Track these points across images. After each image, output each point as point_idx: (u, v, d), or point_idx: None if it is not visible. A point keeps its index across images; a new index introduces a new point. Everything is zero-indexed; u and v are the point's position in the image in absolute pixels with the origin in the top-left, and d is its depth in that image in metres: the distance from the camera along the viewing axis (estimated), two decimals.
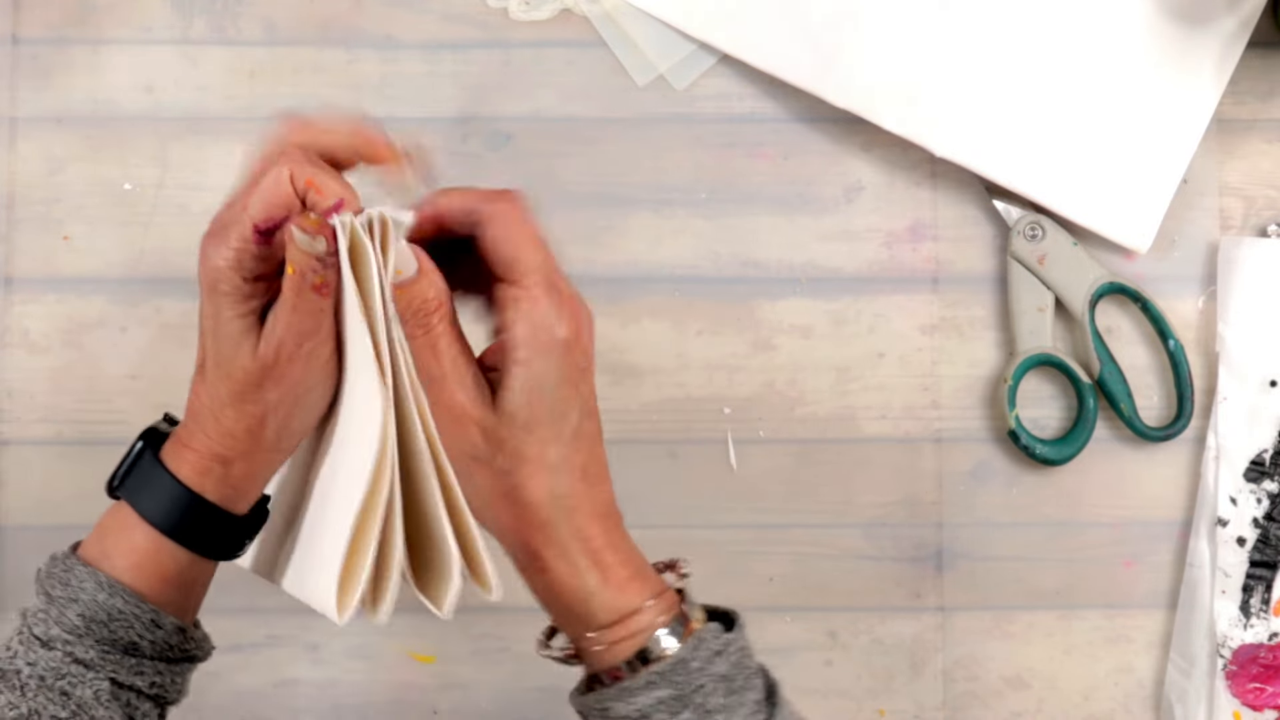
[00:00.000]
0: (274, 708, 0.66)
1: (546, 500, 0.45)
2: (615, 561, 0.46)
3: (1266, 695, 0.65)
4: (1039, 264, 0.66)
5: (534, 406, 0.44)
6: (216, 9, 0.67)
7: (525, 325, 0.44)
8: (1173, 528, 0.67)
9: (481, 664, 0.67)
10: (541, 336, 0.44)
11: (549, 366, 0.44)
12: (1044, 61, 0.66)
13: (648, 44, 0.67)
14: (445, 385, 0.45)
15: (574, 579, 0.46)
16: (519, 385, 0.44)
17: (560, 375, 0.45)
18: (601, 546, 0.46)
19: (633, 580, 0.46)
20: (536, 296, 0.45)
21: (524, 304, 0.44)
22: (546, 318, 0.44)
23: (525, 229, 0.46)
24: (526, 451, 0.45)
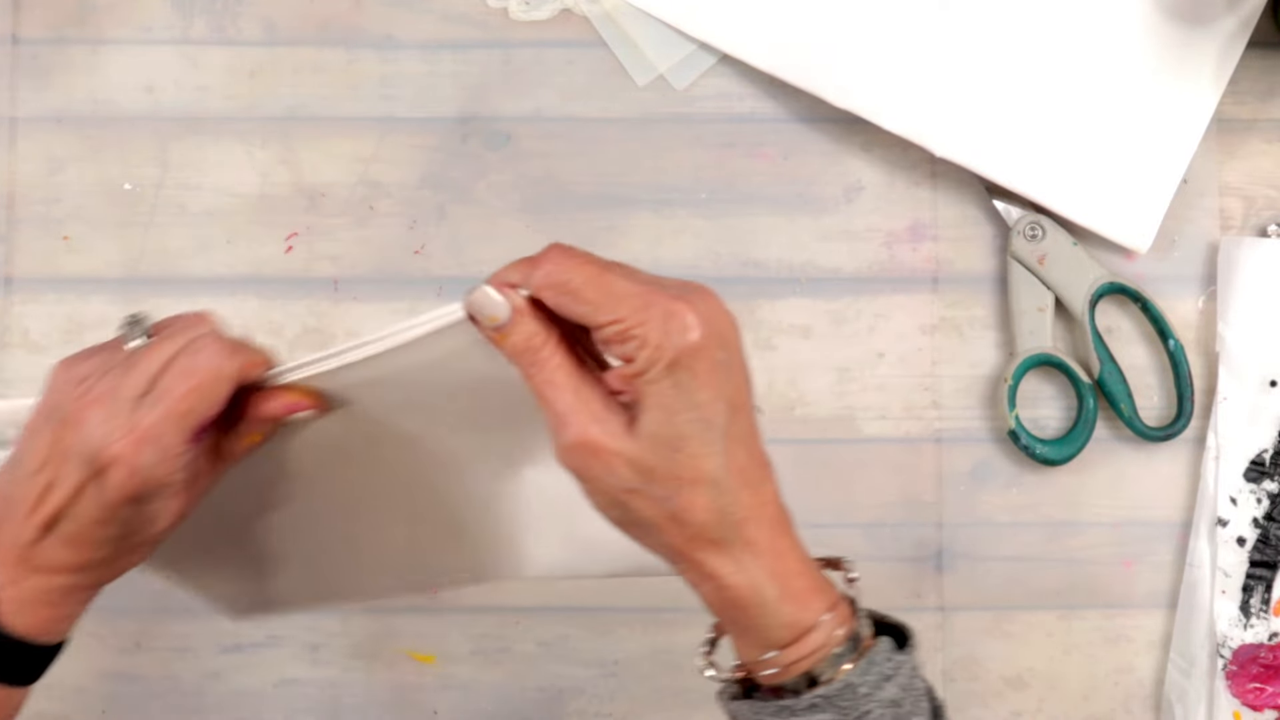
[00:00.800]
0: (274, 708, 0.66)
1: (715, 518, 0.42)
2: (791, 570, 0.44)
3: (1266, 695, 0.65)
4: (1039, 264, 0.66)
5: (678, 423, 0.41)
6: (216, 9, 0.67)
7: (645, 352, 0.41)
8: (1173, 528, 0.67)
9: (481, 664, 0.67)
10: (666, 355, 0.41)
11: (683, 377, 0.41)
12: (1044, 62, 0.66)
13: (648, 44, 0.67)
14: (574, 421, 0.42)
15: (752, 593, 0.43)
16: (656, 404, 0.41)
17: (699, 382, 0.41)
18: (776, 555, 0.43)
19: (809, 591, 0.44)
20: (639, 323, 0.41)
21: (631, 341, 0.41)
22: (663, 336, 0.41)
23: (579, 276, 0.42)
24: (681, 473, 0.42)
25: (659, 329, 0.41)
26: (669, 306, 0.41)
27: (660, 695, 0.66)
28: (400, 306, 0.67)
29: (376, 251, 0.67)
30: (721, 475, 0.42)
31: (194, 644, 0.66)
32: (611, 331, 0.41)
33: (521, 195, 0.67)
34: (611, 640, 0.66)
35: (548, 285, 0.42)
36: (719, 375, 0.42)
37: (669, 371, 0.41)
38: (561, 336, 0.43)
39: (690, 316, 0.41)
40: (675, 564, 0.44)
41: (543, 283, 0.42)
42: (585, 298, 0.42)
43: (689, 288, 0.42)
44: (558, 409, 0.42)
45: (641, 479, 0.42)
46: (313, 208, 0.67)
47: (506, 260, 0.68)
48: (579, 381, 0.43)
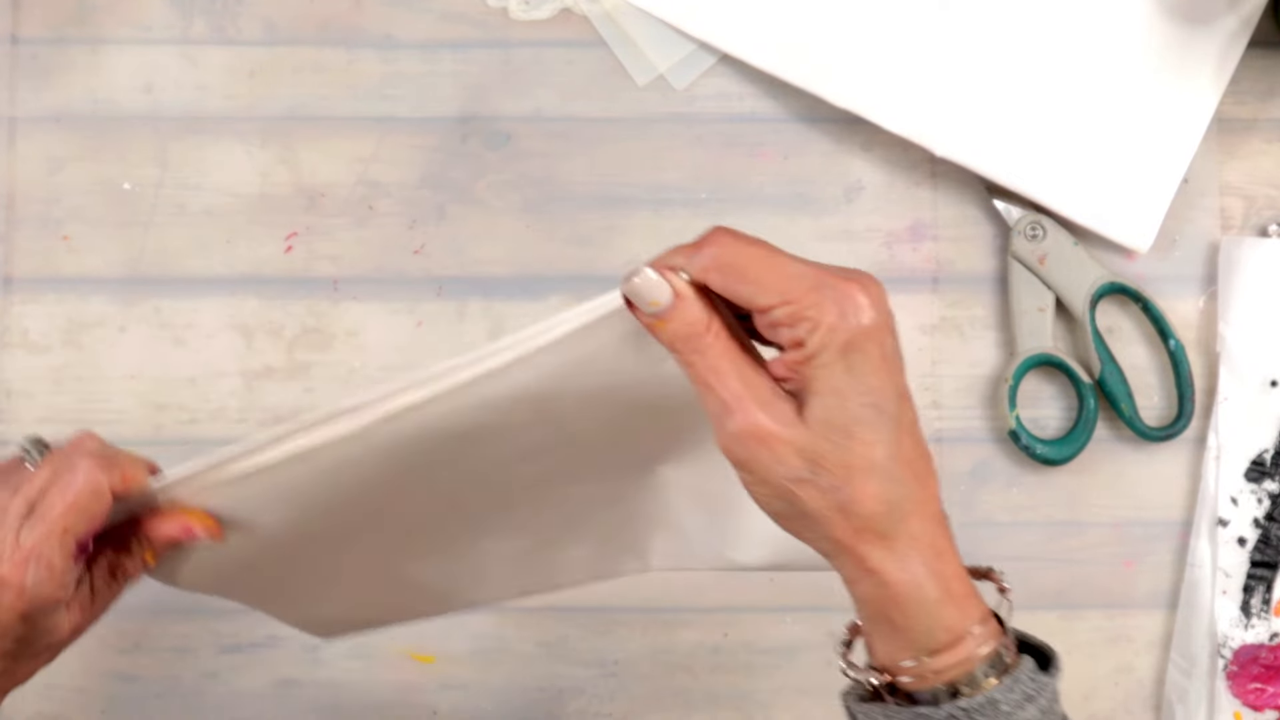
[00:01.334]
0: (274, 708, 0.66)
1: (883, 509, 0.41)
2: (951, 573, 0.42)
3: (1267, 695, 0.65)
4: (1039, 264, 0.66)
5: (850, 408, 0.40)
6: (216, 9, 0.67)
7: (817, 334, 0.39)
8: (1173, 528, 0.67)
9: (481, 664, 0.67)
10: (840, 337, 0.39)
11: (856, 360, 0.39)
12: (1044, 61, 0.66)
13: (648, 44, 0.67)
14: (740, 409, 0.40)
15: (914, 591, 0.41)
16: (828, 388, 0.40)
17: (871, 365, 0.40)
18: (938, 554, 0.42)
19: (966, 597, 0.42)
20: (813, 304, 0.39)
21: (803, 322, 0.39)
22: (837, 317, 0.39)
23: (747, 256, 0.40)
24: (852, 461, 0.40)
25: (833, 310, 0.39)
26: (842, 288, 0.40)
27: (660, 695, 0.66)
28: (400, 306, 0.67)
29: (376, 251, 0.67)
30: (892, 465, 0.40)
31: (194, 644, 0.66)
32: (782, 313, 0.40)
33: (521, 195, 0.67)
34: (611, 640, 0.66)
35: (715, 267, 0.41)
36: (891, 361, 0.40)
37: (842, 354, 0.40)
38: (723, 323, 0.41)
39: (863, 298, 0.40)
40: (835, 558, 0.42)
41: (710, 264, 0.41)
42: (754, 278, 0.40)
43: (855, 273, 0.41)
44: (723, 396, 0.40)
45: (811, 468, 0.40)
46: (312, 208, 0.67)
47: (506, 260, 0.68)
48: (744, 367, 0.41)
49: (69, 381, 0.66)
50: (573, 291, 0.67)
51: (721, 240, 0.41)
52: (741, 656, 0.66)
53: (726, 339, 0.41)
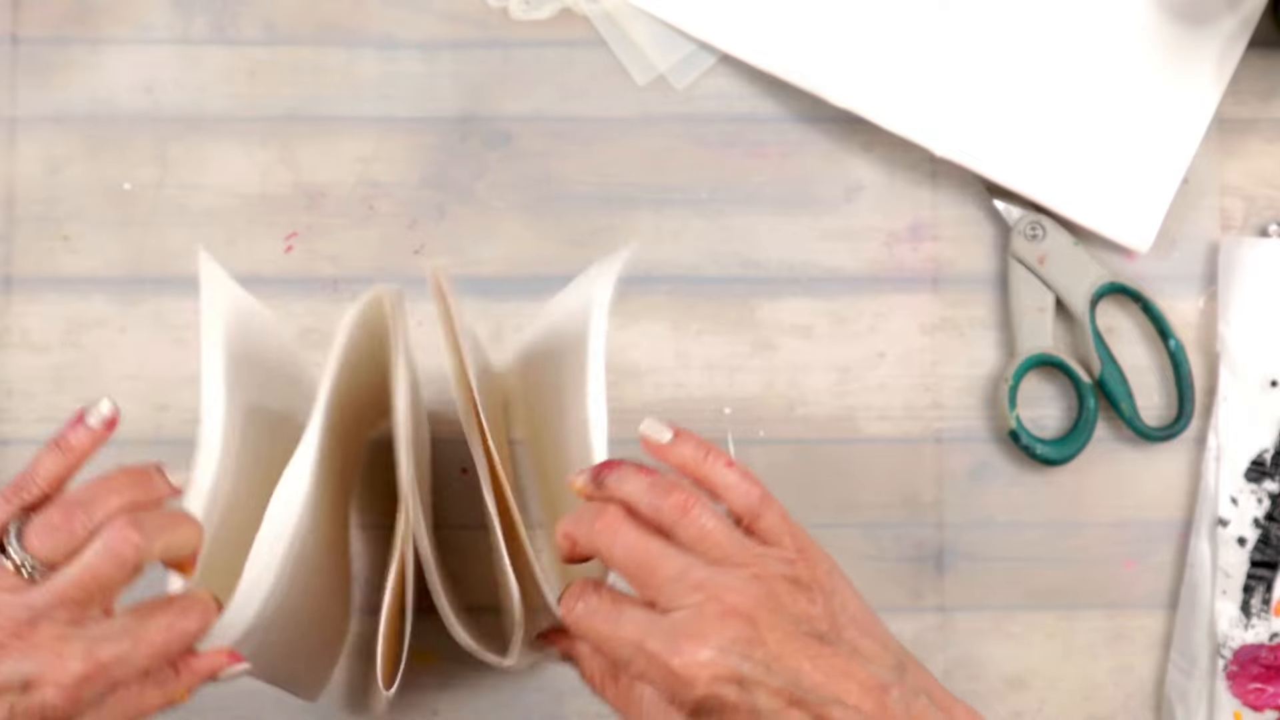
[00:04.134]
0: (274, 707, 0.66)
1: None
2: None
3: (1267, 695, 0.65)
4: (1039, 264, 0.66)
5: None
6: (216, 9, 0.67)
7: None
8: (1173, 528, 0.67)
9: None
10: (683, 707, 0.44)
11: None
12: (1044, 61, 0.66)
13: (648, 44, 0.67)
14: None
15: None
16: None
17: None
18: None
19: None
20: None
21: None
22: (670, 691, 0.44)
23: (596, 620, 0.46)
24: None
25: (663, 687, 0.43)
26: (666, 667, 0.42)
27: None
28: None
29: (376, 251, 0.67)
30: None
31: None
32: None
33: (521, 195, 0.67)
34: None
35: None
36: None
37: (692, 718, 0.43)
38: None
39: (687, 673, 0.42)
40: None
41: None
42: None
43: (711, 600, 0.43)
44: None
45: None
46: (313, 208, 0.67)
47: (506, 260, 0.68)
48: (640, 693, 0.45)
49: (69, 381, 0.66)
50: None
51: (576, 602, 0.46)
52: None
53: (618, 678, 0.46)
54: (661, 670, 0.42)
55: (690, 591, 0.43)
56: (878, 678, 0.44)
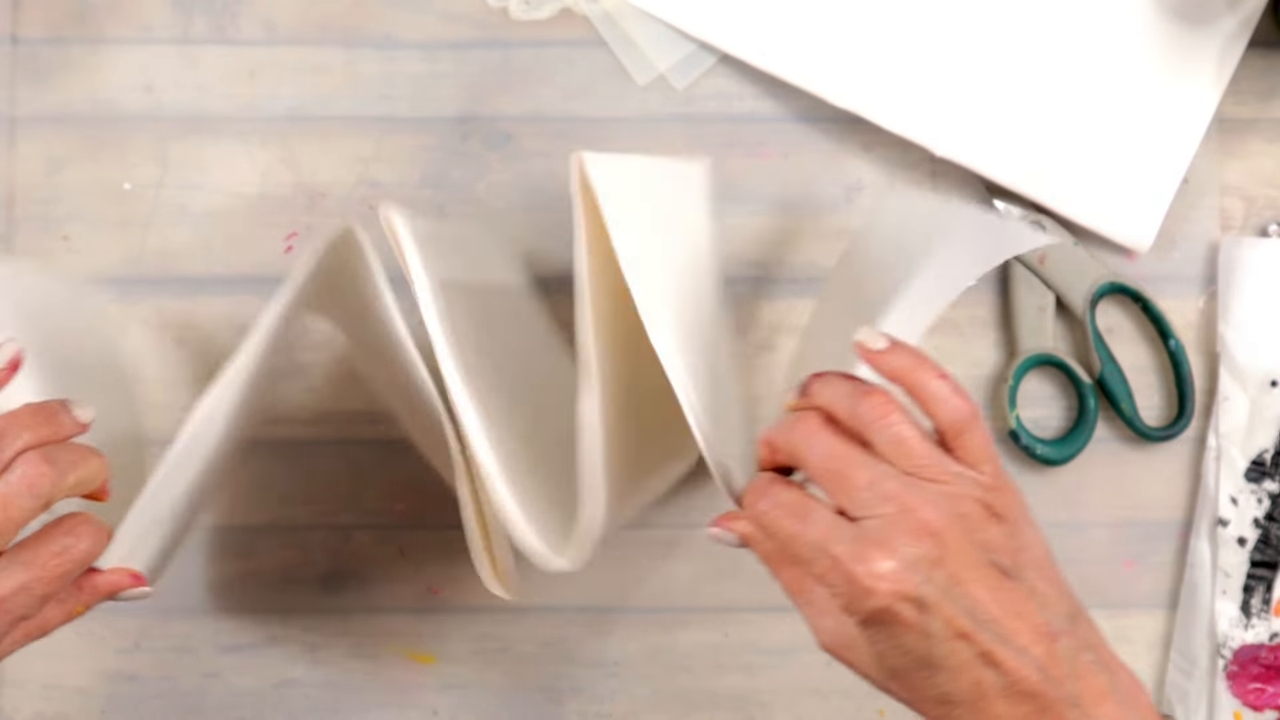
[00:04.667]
0: (274, 708, 0.66)
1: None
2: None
3: (1267, 695, 0.65)
4: (1039, 264, 0.66)
5: (890, 661, 0.44)
6: (216, 9, 0.67)
7: (840, 600, 0.44)
8: (1173, 528, 0.67)
9: (481, 664, 0.67)
10: (854, 613, 0.43)
11: (878, 634, 0.43)
12: (1044, 61, 0.66)
13: (648, 44, 0.67)
14: (815, 628, 0.45)
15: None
16: (870, 639, 0.44)
17: (893, 633, 0.43)
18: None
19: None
20: (825, 572, 0.43)
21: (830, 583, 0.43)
22: (847, 598, 0.43)
23: (777, 521, 0.45)
24: (922, 692, 0.44)
25: (842, 591, 0.42)
26: (845, 567, 0.42)
27: (660, 695, 0.66)
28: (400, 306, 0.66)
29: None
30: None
31: (194, 644, 0.66)
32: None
33: (521, 195, 0.67)
34: (611, 640, 0.66)
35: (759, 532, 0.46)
36: (916, 627, 0.42)
37: (863, 626, 0.43)
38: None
39: (870, 582, 0.42)
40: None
41: (754, 534, 0.46)
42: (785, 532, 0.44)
43: (873, 541, 0.42)
44: (803, 611, 0.45)
45: (888, 677, 0.44)
46: (313, 208, 0.67)
47: None
48: (814, 586, 0.44)
49: None
50: (573, 292, 0.67)
51: (759, 509, 0.45)
52: (741, 656, 0.66)
53: (785, 563, 0.45)
54: (843, 576, 0.42)
55: (881, 501, 0.42)
56: (1050, 624, 0.43)
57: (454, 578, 0.66)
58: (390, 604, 0.66)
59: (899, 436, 0.43)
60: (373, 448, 0.66)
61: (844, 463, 0.43)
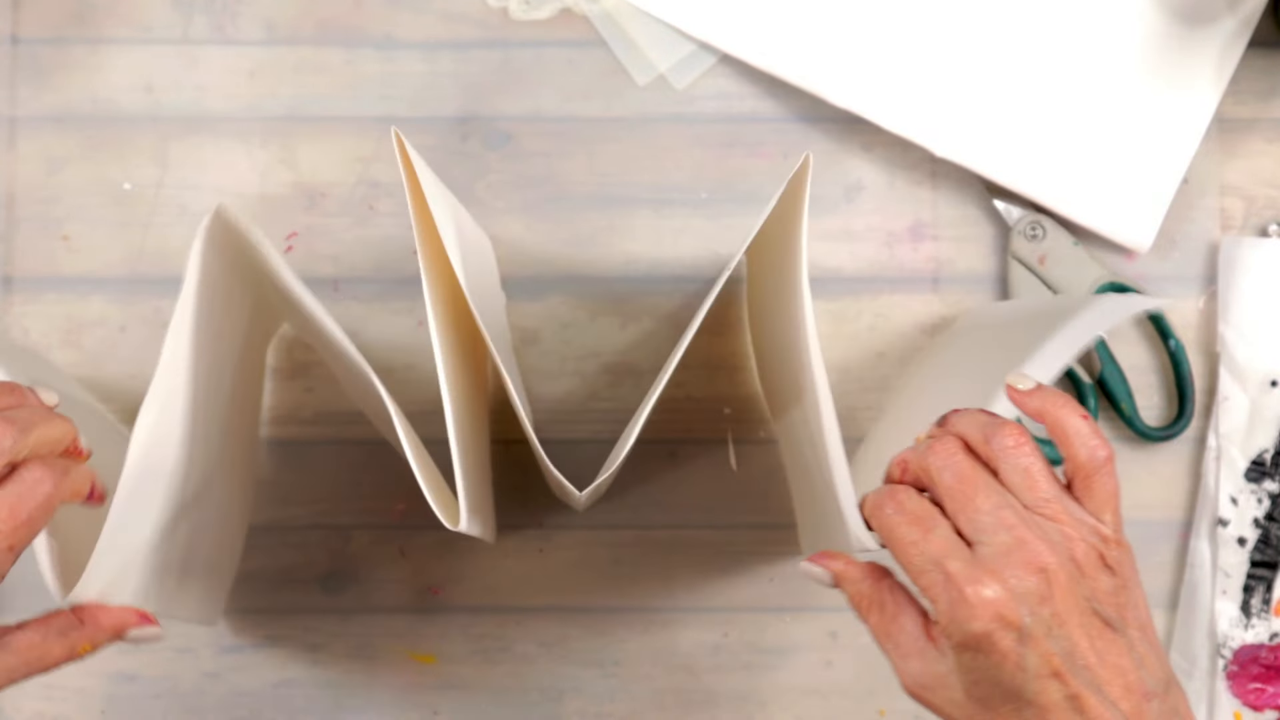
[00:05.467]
0: (274, 708, 0.66)
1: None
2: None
3: (1267, 695, 0.65)
4: (1039, 264, 0.66)
5: (979, 693, 0.43)
6: (216, 8, 0.67)
7: (940, 620, 0.44)
8: (1173, 528, 0.67)
9: (481, 664, 0.67)
10: (953, 635, 0.43)
11: (971, 660, 0.43)
12: (1044, 61, 0.66)
13: (648, 44, 0.67)
14: (900, 669, 0.45)
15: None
16: (959, 667, 0.44)
17: (989, 664, 0.42)
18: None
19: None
20: (928, 588, 0.44)
21: (930, 599, 0.44)
22: (948, 616, 0.43)
23: (890, 531, 0.46)
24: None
25: (944, 603, 0.43)
26: (955, 587, 0.42)
27: (660, 695, 0.66)
28: (400, 306, 0.67)
29: (376, 251, 0.67)
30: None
31: (194, 644, 0.66)
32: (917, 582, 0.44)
33: (521, 195, 0.67)
34: (611, 640, 0.66)
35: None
36: (1012, 656, 0.42)
37: (958, 651, 0.43)
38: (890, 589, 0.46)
39: (973, 602, 0.42)
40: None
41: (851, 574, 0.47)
42: (898, 552, 0.45)
43: (983, 568, 0.43)
44: (888, 653, 0.45)
45: (979, 711, 0.44)
46: (313, 208, 0.67)
47: (506, 260, 0.68)
48: (903, 627, 0.45)
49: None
50: (573, 292, 0.67)
51: (880, 518, 0.45)
52: (741, 656, 0.66)
53: (885, 607, 0.45)
54: (952, 593, 0.42)
55: (999, 529, 0.43)
56: (1144, 683, 0.43)
57: (454, 578, 0.66)
58: (390, 604, 0.66)
59: (1027, 470, 0.44)
60: (373, 448, 0.66)
61: (971, 485, 0.44)
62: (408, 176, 0.49)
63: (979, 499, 0.44)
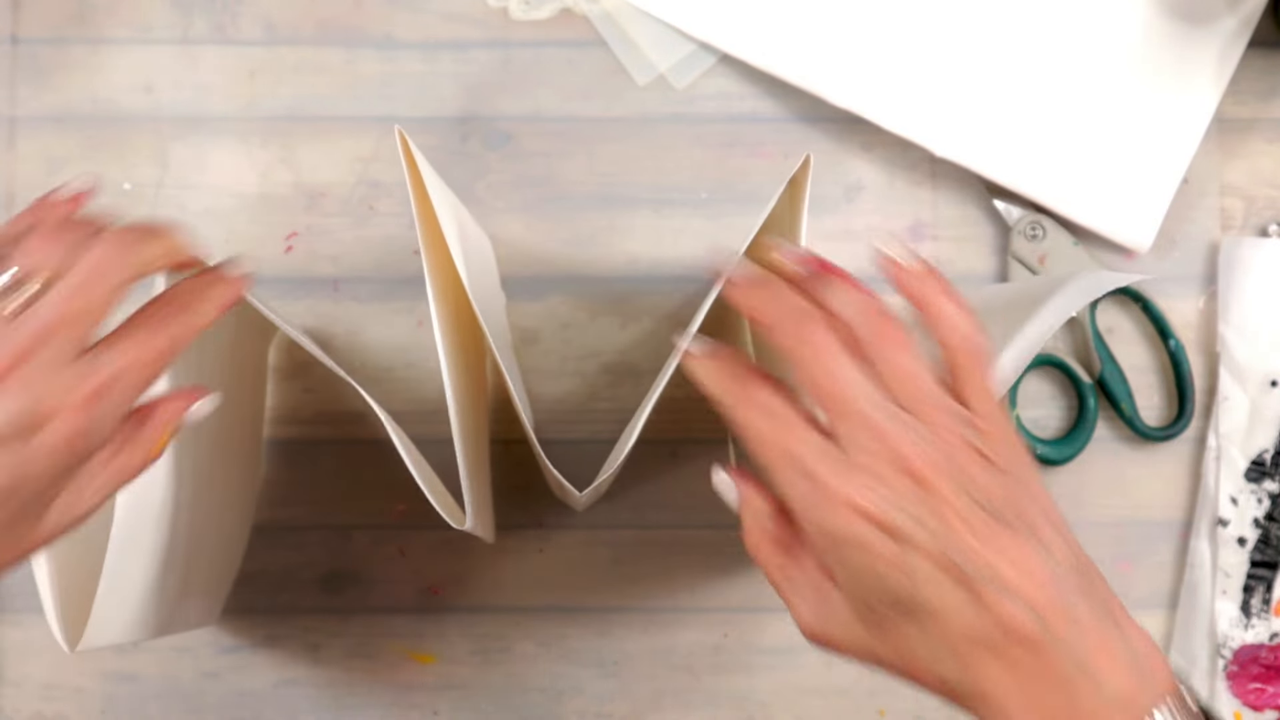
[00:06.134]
0: (274, 708, 0.66)
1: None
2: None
3: (1267, 695, 0.65)
4: (1039, 264, 0.66)
5: (869, 603, 0.41)
6: (216, 9, 0.67)
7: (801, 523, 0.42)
8: (1173, 528, 0.67)
9: (481, 664, 0.67)
10: (817, 540, 0.42)
11: (846, 557, 0.41)
12: (1044, 61, 0.66)
13: (648, 44, 0.67)
14: (796, 617, 0.43)
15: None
16: (838, 580, 0.42)
17: (859, 566, 0.40)
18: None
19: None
20: (782, 486, 0.42)
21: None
22: (802, 512, 0.41)
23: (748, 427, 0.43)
24: (902, 650, 0.41)
25: (804, 506, 0.41)
26: (820, 489, 0.40)
27: (660, 695, 0.66)
28: (400, 306, 0.67)
29: (376, 251, 0.67)
30: (941, 646, 0.40)
31: (194, 644, 0.66)
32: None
33: (521, 195, 0.67)
34: (611, 640, 0.66)
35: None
36: (876, 563, 0.40)
37: (826, 551, 0.41)
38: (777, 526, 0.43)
39: (839, 502, 0.40)
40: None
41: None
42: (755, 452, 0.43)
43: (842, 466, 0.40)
44: (783, 599, 0.43)
45: (874, 661, 0.42)
46: (313, 208, 0.67)
47: (506, 260, 0.68)
48: (791, 572, 0.43)
49: None
50: (573, 292, 0.67)
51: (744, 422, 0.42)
52: (741, 656, 0.66)
53: (789, 548, 0.43)
54: (817, 495, 0.40)
55: (871, 436, 0.40)
56: (1053, 573, 0.39)
57: (454, 578, 0.66)
58: (390, 604, 0.66)
59: (902, 369, 0.41)
60: (373, 448, 0.66)
61: (846, 387, 0.41)
62: (411, 175, 0.49)
63: (852, 403, 0.40)
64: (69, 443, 0.40)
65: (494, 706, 0.66)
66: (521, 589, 0.66)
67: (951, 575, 0.39)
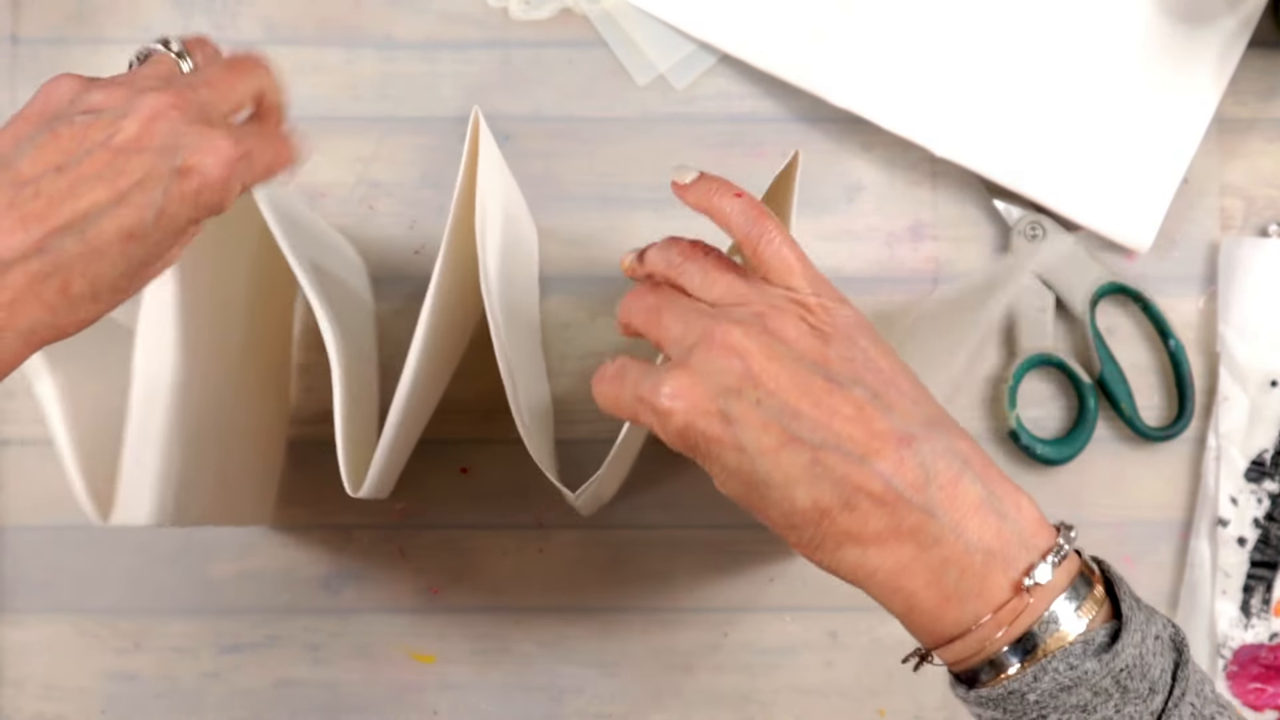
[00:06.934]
0: (274, 708, 0.66)
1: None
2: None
3: (1267, 695, 0.65)
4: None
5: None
6: (216, 8, 0.67)
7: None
8: (1173, 528, 0.67)
9: (481, 664, 0.67)
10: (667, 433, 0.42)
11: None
12: (1044, 61, 0.66)
13: (648, 44, 0.67)
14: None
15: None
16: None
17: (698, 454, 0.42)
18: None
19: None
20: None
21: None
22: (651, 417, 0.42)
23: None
24: (767, 504, 0.42)
25: (658, 429, 0.42)
26: (652, 404, 0.41)
27: (660, 695, 0.66)
28: (400, 306, 0.67)
29: (376, 251, 0.67)
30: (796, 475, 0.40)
31: (194, 644, 0.66)
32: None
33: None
34: (611, 640, 0.66)
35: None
36: (709, 436, 0.41)
37: (695, 463, 0.42)
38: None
39: (667, 403, 0.41)
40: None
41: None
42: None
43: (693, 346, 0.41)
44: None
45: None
46: (313, 207, 0.67)
47: None
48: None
49: None
50: (573, 292, 0.67)
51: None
52: (741, 656, 0.66)
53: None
54: (651, 411, 0.41)
55: (689, 335, 0.41)
56: (897, 429, 0.39)
57: (454, 578, 0.66)
58: (390, 604, 0.66)
59: (703, 270, 0.43)
60: None
61: (657, 312, 0.43)
62: (468, 157, 0.50)
63: (666, 321, 0.42)
64: (214, 188, 0.42)
65: (494, 706, 0.66)
66: (521, 589, 0.66)
67: (787, 441, 0.39)
